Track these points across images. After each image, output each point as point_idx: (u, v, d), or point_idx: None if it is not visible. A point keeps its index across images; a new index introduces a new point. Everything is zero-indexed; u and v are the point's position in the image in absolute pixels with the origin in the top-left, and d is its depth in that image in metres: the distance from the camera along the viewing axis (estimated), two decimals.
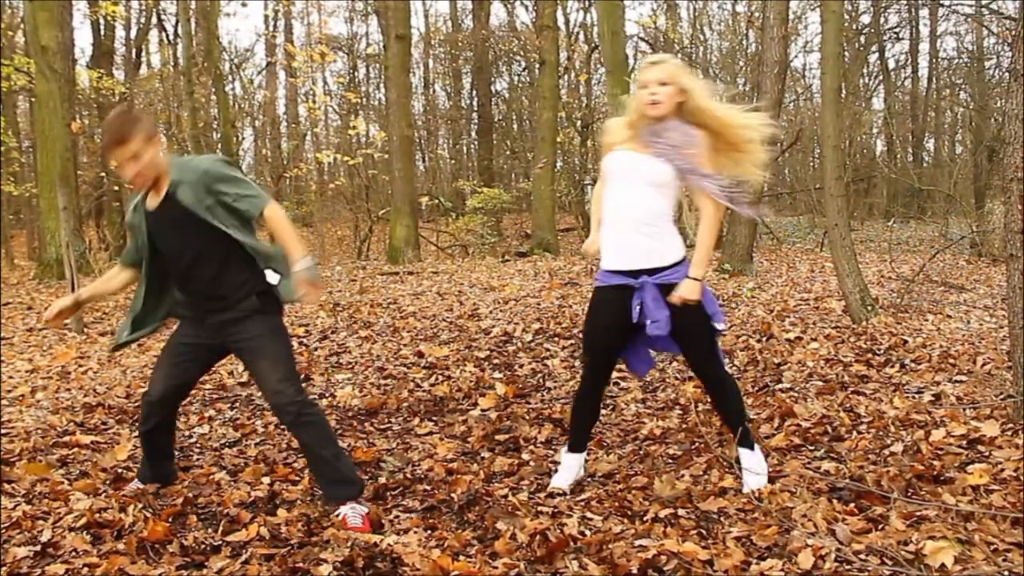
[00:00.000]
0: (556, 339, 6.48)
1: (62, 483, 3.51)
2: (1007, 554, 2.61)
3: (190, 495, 3.38)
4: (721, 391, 3.35)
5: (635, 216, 3.15)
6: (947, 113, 24.63)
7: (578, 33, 19.66)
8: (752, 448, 3.35)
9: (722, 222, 3.25)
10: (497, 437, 4.19)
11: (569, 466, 3.51)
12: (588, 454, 3.92)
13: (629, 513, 3.13)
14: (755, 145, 3.24)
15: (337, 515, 3.09)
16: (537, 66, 17.42)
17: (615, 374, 5.42)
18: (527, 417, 4.53)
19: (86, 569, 2.70)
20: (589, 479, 3.59)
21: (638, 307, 3.17)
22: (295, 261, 2.99)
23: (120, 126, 2.93)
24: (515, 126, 25.18)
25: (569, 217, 19.95)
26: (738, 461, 3.40)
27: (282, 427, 4.53)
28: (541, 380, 5.42)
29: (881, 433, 3.85)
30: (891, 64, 24.12)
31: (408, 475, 3.66)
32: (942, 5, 17.95)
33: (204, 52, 12.61)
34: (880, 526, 2.86)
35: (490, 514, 3.12)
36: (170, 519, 3.08)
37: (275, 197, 19.14)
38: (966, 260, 11.64)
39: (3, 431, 4.45)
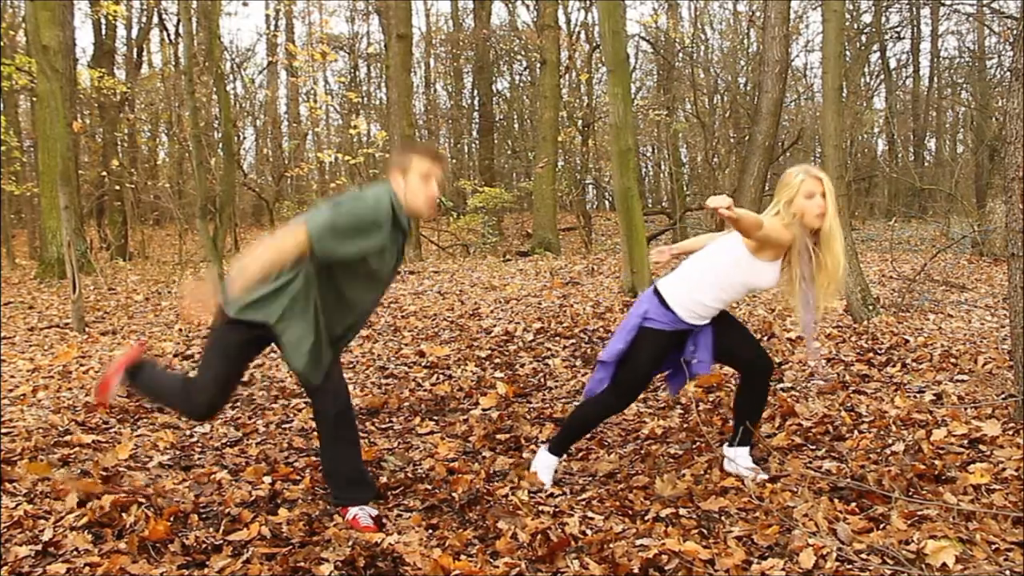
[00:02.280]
0: (557, 338, 6.47)
1: (63, 482, 3.52)
2: (1008, 553, 2.61)
3: (191, 494, 3.38)
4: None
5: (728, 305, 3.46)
6: (948, 112, 24.62)
7: (579, 32, 19.63)
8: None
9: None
10: (498, 436, 4.19)
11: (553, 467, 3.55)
12: (590, 453, 3.93)
13: (630, 512, 3.13)
14: (839, 275, 3.32)
15: (348, 516, 3.09)
16: (538, 65, 17.41)
17: None
18: (528, 416, 4.53)
19: (87, 568, 2.70)
20: (590, 479, 3.59)
21: (692, 347, 3.42)
22: None
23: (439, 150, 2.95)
24: (516, 125, 25.18)
25: (570, 216, 19.96)
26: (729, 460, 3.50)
27: (284, 426, 4.54)
28: (542, 379, 5.42)
29: (882, 432, 3.85)
30: (892, 63, 24.11)
31: (409, 474, 3.66)
32: (943, 4, 17.93)
33: (205, 51, 12.61)
34: (881, 525, 2.86)
35: (491, 513, 3.12)
36: (171, 518, 3.08)
37: (276, 197, 19.24)
38: (967, 259, 11.63)
39: (4, 430, 4.45)
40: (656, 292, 3.38)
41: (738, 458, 3.48)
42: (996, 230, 11.20)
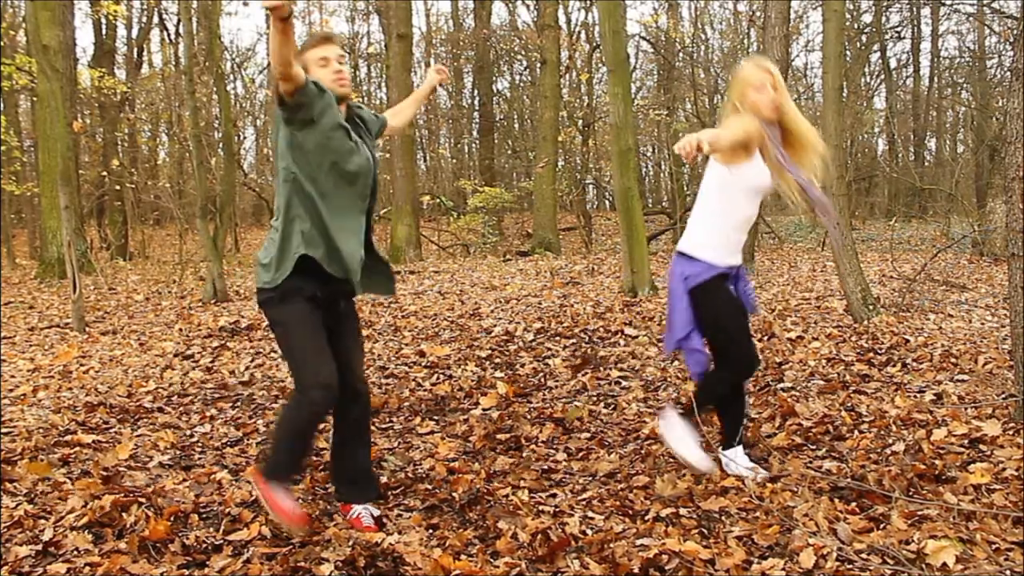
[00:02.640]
0: (557, 338, 6.47)
1: (64, 482, 3.52)
2: (1008, 553, 2.61)
3: (192, 494, 3.38)
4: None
5: (750, 225, 3.46)
6: (948, 112, 24.61)
7: (579, 32, 19.63)
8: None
9: None
10: (499, 436, 4.19)
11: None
12: (590, 453, 3.93)
13: (630, 512, 3.13)
14: (818, 147, 3.35)
15: (351, 515, 3.10)
16: (538, 65, 17.41)
17: (617, 373, 5.43)
18: (528, 416, 4.53)
19: (87, 568, 2.71)
20: (590, 478, 3.59)
21: (734, 289, 3.39)
22: None
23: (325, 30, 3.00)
24: (516, 125, 25.18)
25: (570, 216, 19.96)
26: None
27: None
28: (542, 379, 5.42)
29: (883, 432, 3.85)
30: (893, 63, 24.12)
31: (409, 474, 3.66)
32: (944, 4, 17.93)
33: (206, 51, 12.60)
34: (882, 525, 2.86)
35: (491, 513, 3.12)
36: (171, 518, 3.08)
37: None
38: (968, 259, 11.63)
39: (5, 430, 4.45)
40: (680, 254, 3.40)
41: (736, 459, 3.49)
42: (996, 230, 11.20)
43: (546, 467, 3.74)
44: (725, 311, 3.36)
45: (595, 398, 4.92)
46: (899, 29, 22.22)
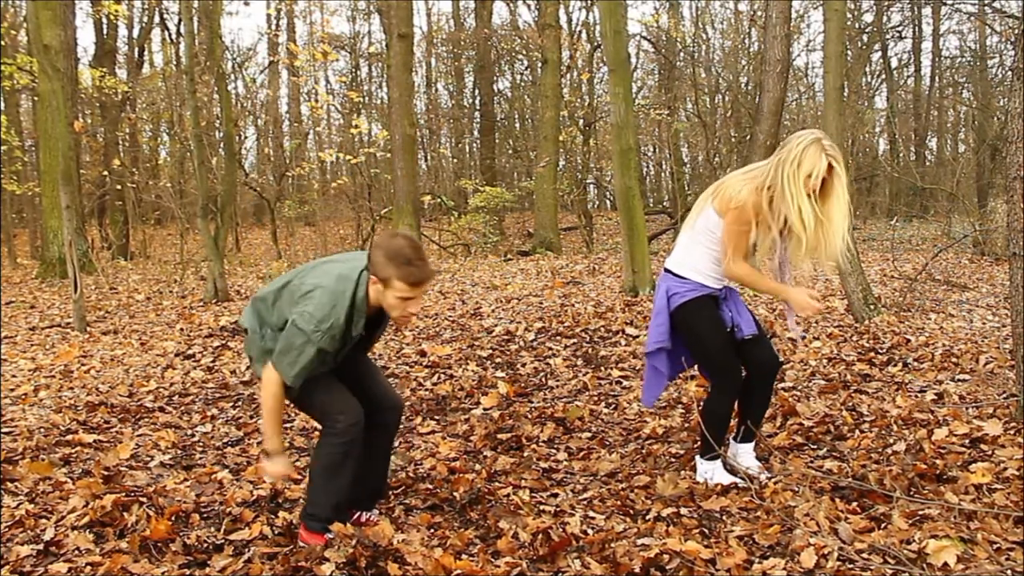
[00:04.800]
0: (558, 338, 6.47)
1: (65, 482, 3.52)
2: (1009, 553, 2.61)
3: (193, 494, 3.38)
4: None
5: None
6: (950, 112, 24.59)
7: (580, 32, 19.61)
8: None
9: None
10: (499, 436, 4.19)
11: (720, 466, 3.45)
12: (591, 453, 3.93)
13: (631, 512, 3.13)
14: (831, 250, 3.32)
15: (361, 518, 3.12)
16: (539, 65, 17.40)
17: (618, 373, 5.43)
18: (529, 416, 4.53)
19: (89, 568, 2.71)
20: (592, 478, 3.59)
21: (730, 313, 3.38)
22: None
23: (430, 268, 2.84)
24: (517, 125, 25.16)
25: (571, 216, 19.94)
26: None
27: (284, 426, 4.53)
28: (543, 379, 5.42)
29: (884, 432, 3.85)
30: (894, 63, 24.08)
31: (411, 474, 3.66)
32: (945, 3, 17.91)
33: (207, 51, 12.60)
34: (883, 525, 2.86)
35: (492, 513, 3.12)
36: (172, 518, 3.08)
37: (278, 196, 19.24)
38: (969, 259, 11.62)
39: (6, 430, 4.46)
40: (668, 271, 3.39)
41: (741, 454, 3.49)
42: (997, 229, 11.19)
43: (547, 467, 3.74)
44: (706, 330, 3.33)
45: (596, 398, 4.92)
46: (900, 29, 22.20)
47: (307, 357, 2.79)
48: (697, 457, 3.48)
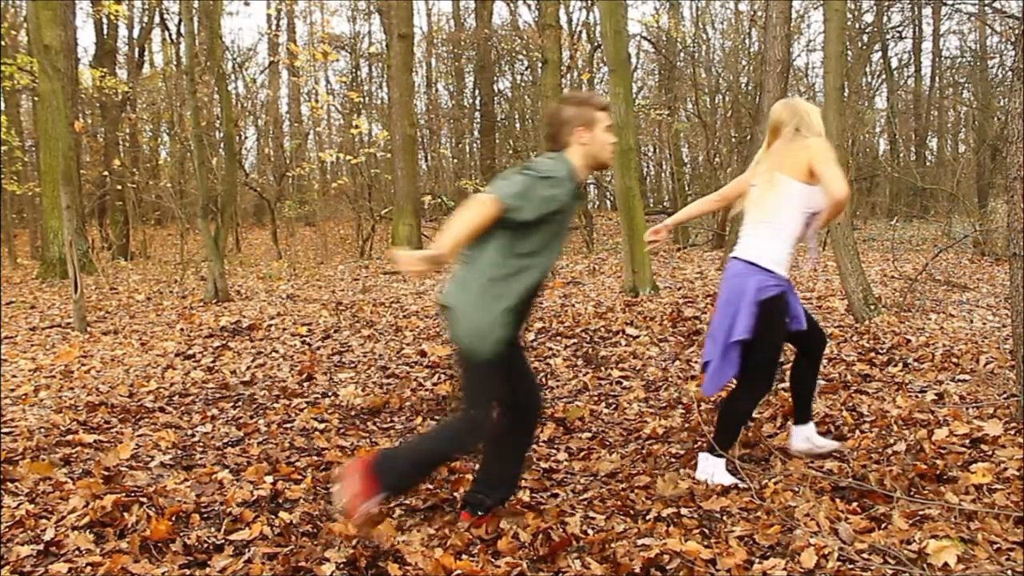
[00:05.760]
0: (558, 338, 6.47)
1: (65, 482, 3.52)
2: (1010, 553, 2.60)
3: (193, 494, 3.38)
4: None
5: None
6: (950, 112, 24.58)
7: (580, 32, 19.61)
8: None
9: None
10: None
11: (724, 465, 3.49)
12: (591, 453, 3.93)
13: (632, 512, 3.13)
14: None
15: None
16: (540, 65, 17.40)
17: (618, 373, 5.43)
18: None
19: (89, 568, 2.71)
20: (592, 478, 3.59)
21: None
22: None
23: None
24: (518, 125, 25.14)
25: None
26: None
27: (285, 426, 4.54)
28: (544, 379, 5.42)
29: (884, 432, 3.85)
30: (894, 63, 24.07)
31: None
32: (945, 4, 17.91)
33: (207, 51, 12.61)
34: (883, 525, 2.86)
35: (493, 513, 3.12)
36: (173, 518, 3.08)
37: (278, 196, 19.25)
38: (969, 259, 11.62)
39: (6, 430, 4.46)
40: (752, 264, 3.37)
41: (809, 435, 3.63)
42: (998, 229, 11.19)
43: (547, 467, 3.74)
44: (781, 326, 3.41)
45: (596, 398, 4.92)
46: (900, 29, 22.18)
47: (527, 187, 2.77)
48: (701, 453, 3.48)
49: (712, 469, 3.41)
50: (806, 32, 21.89)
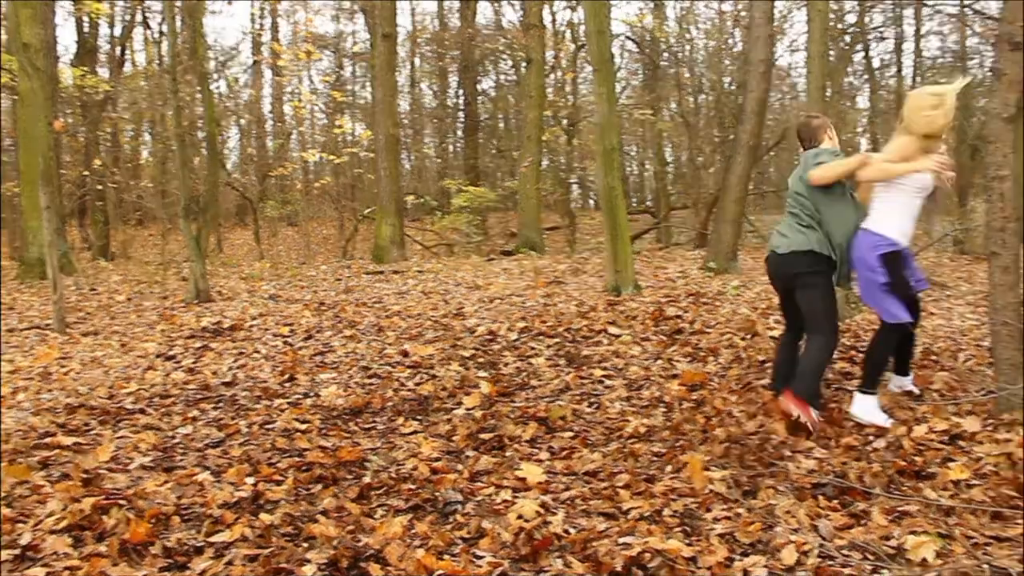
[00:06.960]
0: (541, 337, 6.47)
1: (43, 485, 3.48)
2: (987, 547, 2.63)
3: (173, 496, 3.36)
4: None
5: None
6: None
7: (564, 31, 19.64)
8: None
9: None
10: (482, 436, 4.19)
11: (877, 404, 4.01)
12: (573, 452, 3.93)
13: (613, 511, 3.14)
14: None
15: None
16: (523, 65, 17.42)
17: (600, 372, 5.45)
18: (512, 416, 4.53)
19: (67, 572, 2.68)
20: (573, 477, 3.59)
21: (908, 271, 4.13)
22: None
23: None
24: (501, 125, 25.18)
25: (555, 216, 19.96)
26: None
27: (266, 427, 4.52)
28: (526, 379, 5.41)
29: (864, 429, 3.87)
30: (876, 63, 24.21)
31: (393, 474, 3.65)
32: (926, 5, 18.06)
33: (189, 50, 12.53)
34: (862, 521, 2.88)
35: (475, 513, 3.12)
36: (153, 520, 3.05)
37: (260, 196, 19.17)
38: (949, 257, 11.73)
39: None
40: (867, 231, 4.02)
41: (906, 383, 4.33)
42: (977, 228, 11.30)
43: (528, 466, 3.73)
44: (905, 273, 4.00)
45: (578, 397, 4.92)
46: (882, 29, 22.35)
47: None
48: (856, 393, 4.01)
49: (868, 408, 3.92)
50: (789, 32, 22.07)
